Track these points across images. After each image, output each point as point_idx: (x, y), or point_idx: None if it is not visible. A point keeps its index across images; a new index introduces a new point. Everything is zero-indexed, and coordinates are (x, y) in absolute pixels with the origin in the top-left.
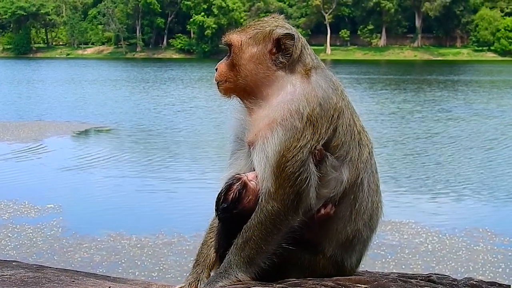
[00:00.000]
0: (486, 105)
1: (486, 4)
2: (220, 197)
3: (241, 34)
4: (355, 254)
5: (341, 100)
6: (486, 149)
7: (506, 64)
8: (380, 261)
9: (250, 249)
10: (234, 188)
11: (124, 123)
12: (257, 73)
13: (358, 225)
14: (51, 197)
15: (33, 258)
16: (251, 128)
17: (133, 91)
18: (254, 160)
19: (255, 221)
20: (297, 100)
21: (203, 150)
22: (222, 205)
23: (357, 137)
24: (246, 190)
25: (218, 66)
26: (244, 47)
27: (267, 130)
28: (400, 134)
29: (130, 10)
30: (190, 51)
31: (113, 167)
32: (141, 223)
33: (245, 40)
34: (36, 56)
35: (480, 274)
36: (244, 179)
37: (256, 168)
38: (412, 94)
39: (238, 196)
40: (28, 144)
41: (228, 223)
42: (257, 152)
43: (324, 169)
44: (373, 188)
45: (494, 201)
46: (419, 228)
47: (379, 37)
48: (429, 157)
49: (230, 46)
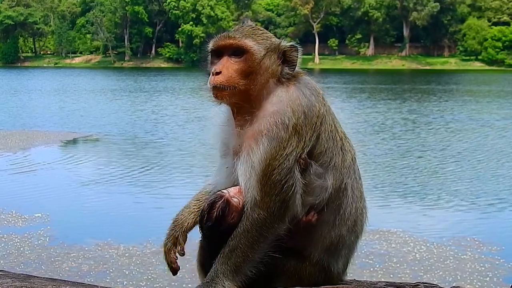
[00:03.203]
0: (475, 115)
1: (473, 13)
2: (203, 215)
3: (252, 41)
4: (341, 259)
5: (323, 106)
6: (474, 159)
7: (493, 73)
8: (368, 270)
9: (236, 257)
10: (217, 206)
11: (112, 133)
12: (265, 84)
13: (342, 230)
14: (39, 206)
15: (20, 267)
16: (237, 137)
17: (121, 100)
18: (239, 170)
19: (241, 229)
20: (282, 111)
21: (191, 160)
22: (207, 223)
23: (339, 143)
24: (229, 207)
25: (224, 70)
26: (260, 56)
27: (252, 141)
28: (388, 144)
29: (118, 19)
30: (179, 60)
31: (101, 177)
32: (129, 232)
33: (262, 49)
34: (24, 65)
35: (468, 283)
36: (227, 196)
37: (240, 178)
38: (399, 103)
39: (221, 214)
40: (16, 153)
41: (213, 240)
42: (242, 162)
43: (308, 177)
44: (357, 194)
45: (482, 210)
46: (407, 237)
47: (367, 46)
48: (417, 166)
49: (243, 51)
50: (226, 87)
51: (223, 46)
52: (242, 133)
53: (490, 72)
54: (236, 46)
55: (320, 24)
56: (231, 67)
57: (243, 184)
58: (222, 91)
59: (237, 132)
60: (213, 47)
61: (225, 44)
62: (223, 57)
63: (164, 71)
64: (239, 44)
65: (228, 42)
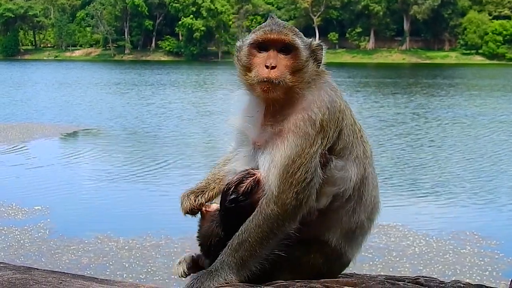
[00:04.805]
0: (475, 109)
1: (474, 7)
2: (230, 187)
3: (298, 39)
4: (356, 246)
5: (342, 101)
6: (474, 153)
7: (494, 68)
8: (368, 264)
9: (244, 251)
10: (247, 182)
11: (112, 125)
12: (308, 82)
13: (361, 217)
14: (39, 199)
15: (20, 260)
16: (261, 130)
17: (121, 93)
18: (260, 162)
19: (252, 223)
20: (309, 108)
21: (192, 153)
22: (232, 195)
23: (359, 135)
24: (258, 186)
25: (279, 64)
26: (306, 54)
27: (278, 136)
28: (387, 137)
29: (118, 12)
30: (179, 54)
31: (101, 169)
32: (128, 225)
33: (306, 48)
34: (24, 58)
35: (467, 277)
36: (258, 176)
37: (261, 170)
38: (398, 97)
39: (249, 191)
40: (16, 146)
41: (231, 214)
42: (264, 156)
43: (329, 171)
44: (374, 184)
45: (481, 205)
46: (407, 231)
47: (367, 40)
48: (416, 160)
49: (292, 49)
50: (280, 81)
51: (273, 40)
52: (268, 127)
53: (491, 66)
54: (288, 42)
55: (320, 18)
56: (282, 63)
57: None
58: (276, 85)
59: (262, 125)
60: (261, 40)
61: (276, 39)
62: (270, 51)
63: (165, 64)
64: (291, 41)
65: (280, 37)
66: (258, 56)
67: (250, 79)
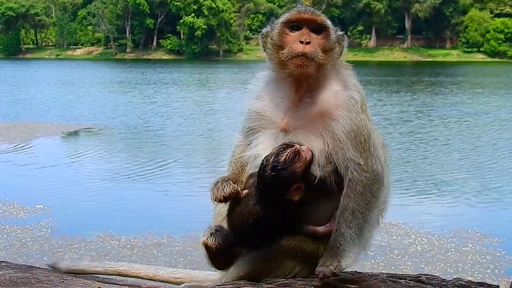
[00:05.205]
0: (477, 107)
1: (475, 5)
2: (271, 156)
3: (328, 22)
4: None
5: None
6: (475, 151)
7: (496, 65)
8: (369, 262)
9: (357, 219)
10: (288, 151)
11: (114, 124)
12: (335, 63)
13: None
14: (40, 197)
15: (22, 258)
16: (293, 111)
17: (123, 92)
18: (312, 143)
19: (353, 194)
20: (349, 89)
21: (194, 152)
22: (273, 163)
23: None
24: (298, 157)
25: (312, 41)
26: (335, 36)
27: (323, 115)
28: (388, 136)
29: (119, 11)
30: (180, 52)
31: (103, 168)
32: (130, 224)
33: (334, 31)
34: (26, 57)
35: (469, 275)
36: (298, 147)
37: (321, 149)
38: (402, 95)
39: (290, 159)
40: (18, 145)
41: (270, 185)
42: (308, 135)
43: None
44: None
45: (483, 202)
46: (408, 229)
47: (369, 38)
48: (418, 158)
49: (322, 29)
50: (314, 57)
51: (306, 19)
52: (301, 107)
53: (493, 64)
54: (320, 22)
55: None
56: (315, 40)
57: (322, 158)
58: (311, 60)
59: (295, 105)
60: (294, 18)
61: (309, 18)
62: (303, 29)
63: (166, 63)
64: (323, 21)
65: (313, 17)
66: (290, 34)
67: (283, 55)
